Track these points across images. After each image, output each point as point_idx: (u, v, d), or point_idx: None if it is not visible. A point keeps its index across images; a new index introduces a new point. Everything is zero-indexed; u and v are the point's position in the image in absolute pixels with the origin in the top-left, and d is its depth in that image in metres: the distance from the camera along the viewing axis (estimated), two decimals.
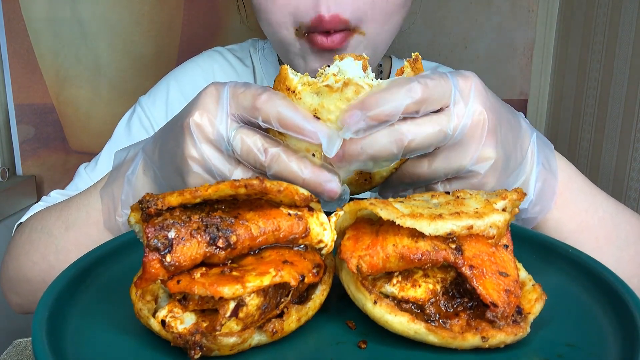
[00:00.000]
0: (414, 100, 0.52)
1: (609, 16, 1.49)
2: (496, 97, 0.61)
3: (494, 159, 0.57)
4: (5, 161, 1.82)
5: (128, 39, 1.76)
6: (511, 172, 0.62)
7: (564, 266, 0.58)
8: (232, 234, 0.45)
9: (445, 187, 0.59)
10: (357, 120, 0.52)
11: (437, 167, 0.57)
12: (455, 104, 0.54)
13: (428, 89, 0.53)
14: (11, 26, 1.71)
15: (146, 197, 0.45)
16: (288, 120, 0.53)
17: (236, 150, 0.56)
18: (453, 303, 0.48)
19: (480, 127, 0.56)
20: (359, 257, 0.47)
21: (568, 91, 1.72)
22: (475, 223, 0.46)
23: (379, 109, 0.52)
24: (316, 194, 0.55)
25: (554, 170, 0.67)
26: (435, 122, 0.54)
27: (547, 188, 0.66)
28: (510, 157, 0.60)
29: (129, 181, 0.68)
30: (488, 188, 0.59)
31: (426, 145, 0.54)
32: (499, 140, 0.57)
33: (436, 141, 0.54)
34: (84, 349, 0.45)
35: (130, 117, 1.04)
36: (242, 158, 0.56)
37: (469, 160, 0.56)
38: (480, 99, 0.56)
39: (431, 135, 0.54)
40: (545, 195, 0.66)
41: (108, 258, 0.58)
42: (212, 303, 0.44)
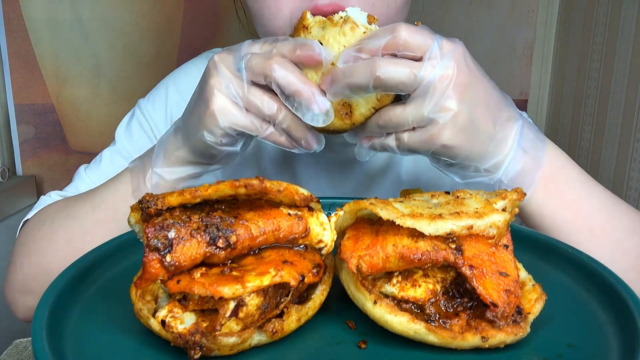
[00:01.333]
0: (394, 39, 0.59)
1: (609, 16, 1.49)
2: (481, 70, 0.64)
3: (454, 111, 0.60)
4: (5, 161, 1.82)
5: (128, 39, 1.76)
6: (479, 141, 0.63)
7: (564, 266, 0.58)
8: (232, 234, 0.45)
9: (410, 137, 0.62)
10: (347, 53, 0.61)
11: (407, 113, 0.61)
12: (431, 57, 0.59)
13: (410, 34, 0.59)
14: (11, 26, 1.71)
15: (146, 197, 0.45)
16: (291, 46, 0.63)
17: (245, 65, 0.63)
18: (453, 303, 0.48)
19: (447, 79, 0.59)
20: (359, 257, 0.47)
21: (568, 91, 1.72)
22: (475, 223, 0.46)
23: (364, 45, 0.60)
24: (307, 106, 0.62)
25: (540, 160, 0.68)
26: (408, 64, 0.59)
27: (525, 174, 0.67)
28: (478, 121, 0.62)
29: (161, 143, 0.73)
30: (444, 141, 0.61)
31: (395, 81, 0.59)
32: (465, 98, 0.60)
33: (406, 80, 0.59)
34: (84, 349, 0.45)
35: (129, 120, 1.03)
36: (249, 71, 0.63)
37: (431, 107, 0.60)
38: (456, 59, 0.60)
39: (401, 73, 0.59)
40: (521, 181, 0.67)
41: (108, 258, 0.58)
42: (212, 303, 0.44)
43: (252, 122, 0.64)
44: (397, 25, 0.60)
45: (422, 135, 0.62)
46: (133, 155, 0.85)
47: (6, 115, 1.79)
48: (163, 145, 0.73)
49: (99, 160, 0.97)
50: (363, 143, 0.67)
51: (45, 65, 1.75)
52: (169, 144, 0.72)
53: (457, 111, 0.60)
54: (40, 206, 0.88)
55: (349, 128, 0.65)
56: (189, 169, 0.72)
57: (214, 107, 0.64)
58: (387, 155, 0.97)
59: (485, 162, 0.65)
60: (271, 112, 0.63)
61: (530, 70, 1.81)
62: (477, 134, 0.63)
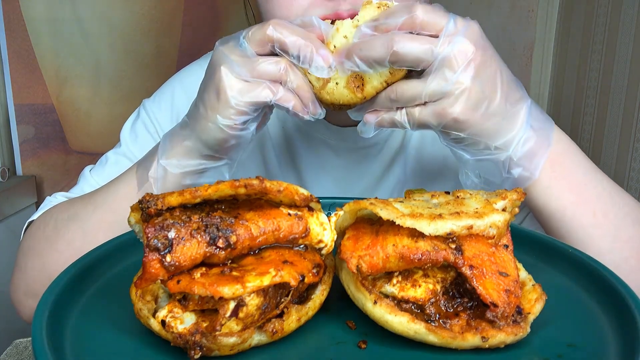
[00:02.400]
0: (411, 18, 0.60)
1: (609, 16, 1.49)
2: (494, 50, 0.66)
3: (467, 85, 0.61)
4: (5, 161, 1.82)
5: (128, 39, 1.76)
6: (491, 117, 0.64)
7: (564, 266, 0.58)
8: (232, 234, 0.45)
9: (422, 111, 0.63)
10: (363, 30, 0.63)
11: (421, 86, 0.62)
12: (447, 34, 0.61)
13: (426, 13, 0.61)
14: (11, 26, 1.71)
15: (146, 197, 0.45)
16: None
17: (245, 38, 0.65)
18: (453, 303, 0.48)
19: (463, 56, 0.61)
20: (359, 257, 0.47)
21: (568, 91, 1.72)
22: (475, 223, 0.46)
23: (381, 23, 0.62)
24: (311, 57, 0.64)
25: (549, 140, 0.68)
26: (425, 40, 0.61)
27: (533, 154, 0.67)
28: (490, 98, 0.63)
29: (167, 135, 0.73)
30: (456, 115, 0.62)
31: (412, 56, 0.60)
32: (478, 74, 0.62)
33: (422, 56, 0.61)
34: (84, 349, 0.45)
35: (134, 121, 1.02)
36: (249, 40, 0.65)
37: (445, 81, 0.61)
38: (473, 37, 0.62)
39: (418, 48, 0.60)
40: (530, 161, 0.67)
41: (108, 258, 0.58)
42: (212, 303, 0.44)
43: (262, 89, 0.65)
44: (413, 5, 0.61)
45: (435, 108, 0.62)
46: (138, 157, 0.85)
47: (6, 115, 1.79)
48: (170, 137, 0.73)
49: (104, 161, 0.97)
50: (370, 119, 0.67)
51: (45, 65, 1.75)
52: (176, 137, 0.72)
53: (470, 86, 0.61)
54: (45, 207, 0.88)
55: (359, 102, 0.66)
56: (195, 162, 0.72)
57: (224, 87, 0.65)
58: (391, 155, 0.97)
59: (496, 140, 0.65)
60: (279, 72, 0.64)
61: (530, 70, 1.81)
62: (488, 111, 0.63)
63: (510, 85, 0.66)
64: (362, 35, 0.62)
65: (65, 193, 0.92)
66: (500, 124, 0.65)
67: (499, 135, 0.65)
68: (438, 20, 0.61)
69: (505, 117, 0.65)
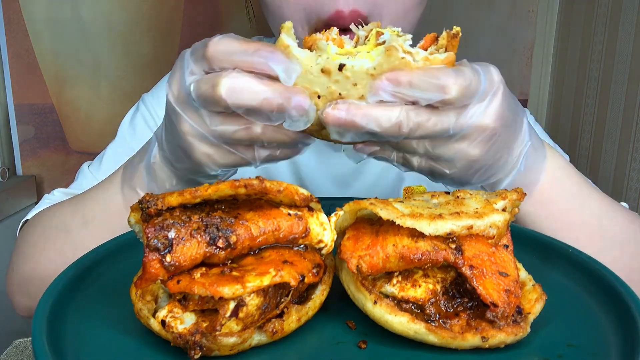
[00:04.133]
0: (443, 98, 0.51)
1: (609, 16, 1.49)
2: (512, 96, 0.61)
3: (475, 160, 0.58)
4: (5, 161, 1.82)
5: (128, 39, 1.76)
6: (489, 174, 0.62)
7: (564, 266, 0.58)
8: (232, 234, 0.45)
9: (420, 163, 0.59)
10: (385, 90, 0.51)
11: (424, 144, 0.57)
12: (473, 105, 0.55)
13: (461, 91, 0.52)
14: (11, 26, 1.71)
15: (146, 197, 0.45)
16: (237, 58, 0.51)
17: (194, 97, 0.54)
18: (453, 303, 0.48)
19: (480, 132, 0.56)
20: (359, 257, 0.47)
21: (568, 91, 1.72)
22: (475, 223, 0.46)
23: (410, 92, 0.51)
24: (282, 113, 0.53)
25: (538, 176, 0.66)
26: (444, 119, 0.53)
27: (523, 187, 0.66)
28: (493, 163, 0.61)
29: (148, 170, 0.68)
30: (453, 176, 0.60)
31: (426, 135, 0.54)
32: (489, 148, 0.58)
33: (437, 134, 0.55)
34: (84, 349, 0.45)
35: (133, 115, 1.03)
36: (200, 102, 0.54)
37: (452, 153, 0.57)
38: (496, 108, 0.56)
39: (434, 130, 0.54)
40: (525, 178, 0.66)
41: (108, 258, 0.58)
42: (212, 303, 0.44)
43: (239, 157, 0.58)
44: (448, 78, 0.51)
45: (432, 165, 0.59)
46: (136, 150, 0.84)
47: (6, 115, 1.79)
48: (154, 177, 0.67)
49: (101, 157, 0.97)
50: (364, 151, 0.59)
51: (45, 65, 1.75)
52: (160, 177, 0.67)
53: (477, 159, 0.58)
54: (42, 206, 0.88)
55: None
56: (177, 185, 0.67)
57: (198, 159, 0.59)
58: None
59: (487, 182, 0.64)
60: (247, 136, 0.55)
61: (530, 70, 1.81)
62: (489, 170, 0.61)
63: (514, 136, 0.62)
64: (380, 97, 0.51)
65: (65, 189, 0.92)
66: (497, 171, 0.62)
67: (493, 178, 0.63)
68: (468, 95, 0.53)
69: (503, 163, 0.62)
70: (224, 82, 0.51)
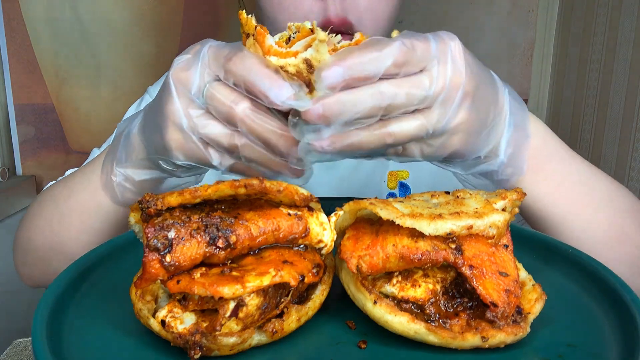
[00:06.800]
0: (395, 62, 0.51)
1: (609, 16, 1.49)
2: (475, 58, 0.60)
3: (466, 119, 0.57)
4: (5, 161, 1.82)
5: (128, 39, 1.76)
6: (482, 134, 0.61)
7: (564, 266, 0.58)
8: (231, 234, 0.45)
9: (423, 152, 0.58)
10: (336, 76, 0.50)
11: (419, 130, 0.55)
12: (436, 66, 0.54)
13: (409, 52, 0.52)
14: (11, 26, 1.71)
15: (146, 197, 0.45)
16: (255, 87, 0.52)
17: (208, 103, 0.56)
18: (453, 303, 0.48)
19: (456, 89, 0.55)
20: (359, 257, 0.47)
21: (568, 91, 1.72)
22: (475, 223, 0.46)
23: (360, 68, 0.50)
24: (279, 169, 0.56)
25: (528, 132, 0.67)
26: (417, 83, 0.53)
27: (519, 150, 0.66)
28: (483, 119, 0.60)
29: (125, 139, 0.68)
30: (455, 149, 0.59)
31: (406, 105, 0.53)
32: (474, 102, 0.58)
33: (417, 102, 0.53)
34: (84, 349, 0.45)
35: (139, 104, 1.07)
36: (214, 112, 0.56)
37: (444, 121, 0.55)
38: (460, 61, 0.56)
39: (413, 95, 0.53)
40: (517, 158, 0.66)
41: (108, 258, 0.58)
42: (212, 303, 0.44)
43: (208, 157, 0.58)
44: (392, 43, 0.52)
45: (435, 146, 0.58)
46: None
47: (6, 115, 1.79)
48: (127, 145, 0.68)
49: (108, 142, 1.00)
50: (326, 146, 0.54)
51: (45, 65, 1.75)
52: (133, 146, 0.67)
53: (468, 118, 0.57)
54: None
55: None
56: (154, 173, 0.67)
57: (167, 141, 0.59)
58: None
59: (485, 149, 0.63)
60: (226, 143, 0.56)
61: (530, 70, 1.81)
62: (483, 128, 0.61)
63: (494, 91, 0.63)
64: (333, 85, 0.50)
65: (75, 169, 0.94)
66: (489, 135, 0.62)
67: (488, 144, 0.63)
68: (421, 55, 0.53)
69: (494, 125, 0.63)
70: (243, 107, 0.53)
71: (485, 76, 0.61)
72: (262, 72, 0.52)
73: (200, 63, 0.56)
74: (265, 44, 0.53)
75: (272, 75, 0.52)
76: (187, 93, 0.57)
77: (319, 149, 0.53)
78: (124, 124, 0.72)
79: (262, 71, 0.52)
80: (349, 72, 0.50)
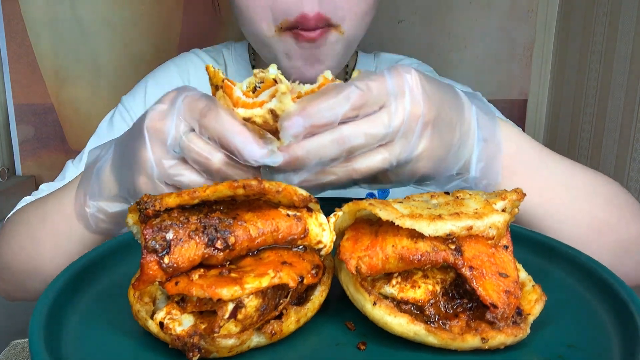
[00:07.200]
0: (352, 106, 0.53)
1: (609, 16, 1.49)
2: (435, 83, 0.61)
3: (429, 146, 0.59)
4: (4, 161, 1.82)
5: (128, 39, 1.76)
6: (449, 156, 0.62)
7: (563, 267, 0.58)
8: (230, 235, 0.45)
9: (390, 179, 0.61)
10: (297, 126, 0.53)
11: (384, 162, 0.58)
12: (393, 102, 0.56)
13: (365, 94, 0.54)
14: (11, 26, 1.71)
15: (144, 198, 0.45)
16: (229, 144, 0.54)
17: (184, 153, 0.57)
18: (453, 304, 0.47)
19: (415, 120, 0.57)
20: (358, 258, 0.47)
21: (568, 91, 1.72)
22: (475, 224, 0.46)
23: (319, 116, 0.53)
24: None
25: (499, 143, 0.67)
26: (376, 122, 0.55)
27: (492, 163, 0.67)
28: (447, 143, 0.62)
29: (97, 173, 0.69)
30: (422, 173, 0.61)
31: (368, 144, 0.55)
32: (435, 130, 0.59)
33: (377, 140, 0.56)
34: (82, 351, 0.45)
35: (113, 114, 1.08)
36: (190, 161, 0.58)
37: (406, 153, 0.58)
38: (417, 92, 0.57)
39: (373, 134, 0.55)
40: (490, 170, 0.67)
41: (106, 260, 0.58)
42: (210, 305, 0.44)
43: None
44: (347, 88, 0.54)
45: (401, 174, 0.60)
46: None
47: (6, 115, 1.79)
48: (99, 181, 0.69)
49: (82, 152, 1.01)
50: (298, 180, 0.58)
51: (45, 65, 1.75)
52: (105, 183, 0.68)
53: (431, 145, 0.59)
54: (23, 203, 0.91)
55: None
56: (125, 206, 0.68)
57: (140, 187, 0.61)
58: None
59: (455, 168, 0.65)
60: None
61: (530, 70, 1.81)
62: (449, 151, 0.62)
63: (458, 111, 0.64)
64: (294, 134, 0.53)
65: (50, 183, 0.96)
66: (457, 154, 0.64)
67: (457, 163, 0.64)
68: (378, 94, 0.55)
69: (461, 145, 0.64)
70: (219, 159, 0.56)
71: (447, 99, 0.62)
72: (236, 130, 0.54)
73: (176, 114, 0.58)
74: (233, 96, 0.54)
75: (245, 133, 0.54)
76: (161, 143, 0.58)
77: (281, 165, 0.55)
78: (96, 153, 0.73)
79: (236, 129, 0.54)
80: (309, 121, 0.53)
